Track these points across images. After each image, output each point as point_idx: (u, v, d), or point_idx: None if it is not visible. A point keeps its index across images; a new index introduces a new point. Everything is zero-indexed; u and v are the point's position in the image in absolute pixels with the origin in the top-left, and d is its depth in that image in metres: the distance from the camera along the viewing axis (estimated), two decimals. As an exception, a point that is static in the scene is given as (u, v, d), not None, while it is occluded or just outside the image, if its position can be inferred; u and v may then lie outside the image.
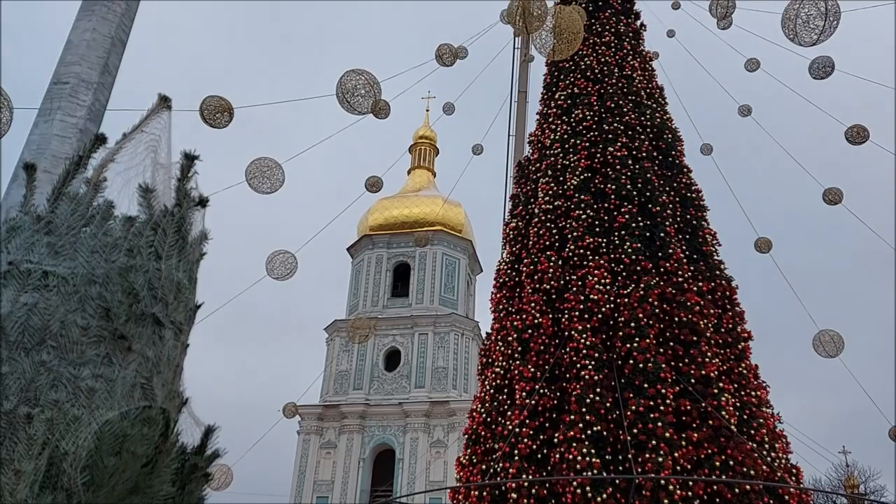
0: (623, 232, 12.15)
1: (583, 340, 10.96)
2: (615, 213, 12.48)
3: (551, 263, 12.18)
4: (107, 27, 3.12)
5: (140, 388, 1.67)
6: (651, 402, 10.09)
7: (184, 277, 1.88)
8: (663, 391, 10.17)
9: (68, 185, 1.91)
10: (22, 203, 1.91)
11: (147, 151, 2.04)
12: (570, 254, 12.23)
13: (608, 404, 10.22)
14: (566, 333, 11.34)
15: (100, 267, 1.74)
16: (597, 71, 14.77)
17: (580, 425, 10.04)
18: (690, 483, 9.48)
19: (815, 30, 9.83)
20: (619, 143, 13.32)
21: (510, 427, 10.70)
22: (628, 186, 12.66)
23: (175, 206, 1.94)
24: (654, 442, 9.73)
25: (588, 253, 12.10)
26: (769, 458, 10.12)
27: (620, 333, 10.99)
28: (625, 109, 13.96)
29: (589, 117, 13.96)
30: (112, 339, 1.68)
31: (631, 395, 10.23)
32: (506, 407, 11.40)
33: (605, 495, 9.41)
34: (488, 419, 11.55)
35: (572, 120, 14.12)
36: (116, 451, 1.52)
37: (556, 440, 10.23)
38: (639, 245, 11.94)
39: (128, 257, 1.78)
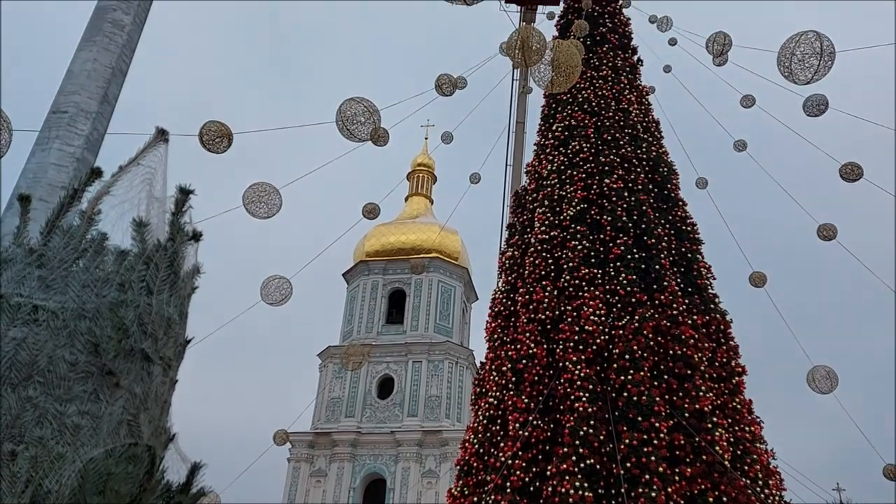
0: (618, 263, 12.18)
1: (577, 372, 10.92)
2: (611, 244, 12.51)
3: (546, 293, 12.18)
4: (108, 58, 3.15)
5: (126, 425, 1.65)
6: (645, 436, 10.03)
7: (174, 312, 1.88)
8: (657, 425, 10.12)
9: (62, 218, 1.91)
10: (15, 235, 1.91)
11: (143, 184, 2.05)
12: (566, 284, 12.23)
13: (602, 437, 10.15)
14: (560, 364, 11.30)
15: (90, 301, 1.73)
16: (594, 104, 14.93)
17: (573, 458, 9.96)
18: (684, 519, 9.38)
19: (811, 69, 9.97)
20: (615, 176, 13.41)
21: (503, 459, 10.61)
22: (624, 218, 12.72)
23: (168, 241, 1.94)
24: (647, 476, 9.65)
25: (583, 284, 12.11)
26: (763, 495, 10.04)
27: (615, 365, 10.97)
28: (621, 142, 14.08)
29: (586, 149, 14.08)
30: (100, 375, 1.67)
31: (625, 429, 10.17)
32: (499, 438, 11.31)
33: (597, 530, 9.31)
34: (481, 450, 11.45)
35: (569, 151, 14.23)
36: (100, 489, 1.50)
37: (548, 473, 10.13)
38: (634, 277, 11.96)
39: (119, 292, 1.77)
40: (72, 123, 2.90)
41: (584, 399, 10.53)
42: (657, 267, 12.16)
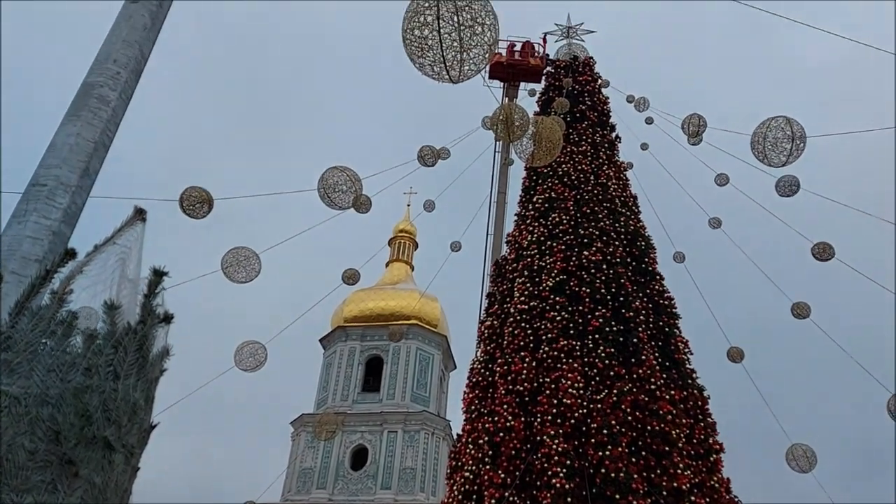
0: (597, 336, 12.18)
1: (555, 446, 10.76)
2: (589, 316, 12.55)
3: (525, 364, 12.11)
4: (91, 132, 3.19)
5: (83, 518, 1.60)
6: (622, 515, 9.83)
7: (140, 398, 1.84)
8: (634, 503, 9.93)
9: (32, 299, 1.89)
10: (-16, 315, 1.88)
11: (116, 265, 2.04)
12: (545, 355, 12.18)
13: (579, 516, 9.93)
14: (538, 438, 11.13)
15: (55, 387, 1.70)
16: (573, 178, 15.25)
17: (550, 537, 9.71)
18: None
19: (784, 152, 10.29)
20: (594, 248, 13.58)
21: (478, 537, 10.31)
22: (602, 290, 12.81)
23: (139, 323, 1.92)
24: (625, 557, 9.41)
25: (562, 355, 12.06)
26: (743, 579, 9.81)
27: (593, 440, 10.82)
28: (600, 216, 14.32)
29: (565, 221, 14.29)
30: (59, 464, 1.62)
31: (602, 507, 9.96)
32: (474, 514, 11.02)
33: None
34: (456, 527, 11.13)
35: (549, 223, 14.43)
36: (51, 587, 1.43)
37: (524, 553, 9.85)
38: (612, 350, 11.96)
39: (85, 377, 1.74)
40: (50, 196, 2.90)
41: (561, 475, 10.35)
42: (635, 340, 12.18)
